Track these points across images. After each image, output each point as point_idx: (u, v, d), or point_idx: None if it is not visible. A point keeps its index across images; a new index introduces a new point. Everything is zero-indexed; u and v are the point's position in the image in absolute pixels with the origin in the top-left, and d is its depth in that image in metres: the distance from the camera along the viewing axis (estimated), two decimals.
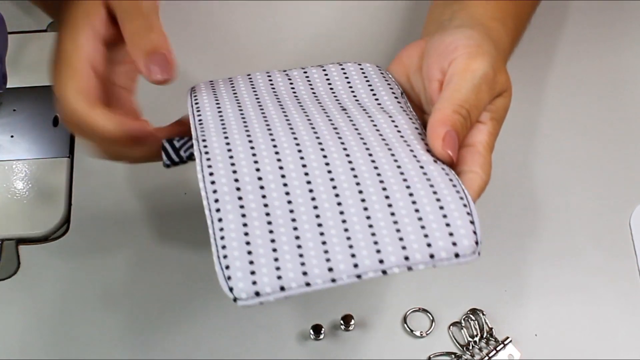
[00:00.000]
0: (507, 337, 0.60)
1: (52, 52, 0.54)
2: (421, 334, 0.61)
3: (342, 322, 0.60)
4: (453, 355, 0.60)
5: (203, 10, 0.77)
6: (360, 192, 0.47)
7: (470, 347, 0.60)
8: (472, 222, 0.46)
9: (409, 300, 0.62)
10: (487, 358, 0.60)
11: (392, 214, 0.46)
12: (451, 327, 0.61)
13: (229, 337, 0.61)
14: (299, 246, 0.45)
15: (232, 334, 0.61)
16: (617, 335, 0.61)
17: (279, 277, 0.43)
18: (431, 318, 0.61)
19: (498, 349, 0.60)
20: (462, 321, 0.61)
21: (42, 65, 0.74)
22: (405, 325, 0.61)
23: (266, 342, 0.60)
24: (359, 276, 0.44)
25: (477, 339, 0.60)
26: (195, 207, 0.66)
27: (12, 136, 0.70)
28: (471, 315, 0.61)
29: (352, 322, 0.60)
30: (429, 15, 0.64)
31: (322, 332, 0.60)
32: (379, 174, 0.48)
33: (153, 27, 0.52)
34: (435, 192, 0.47)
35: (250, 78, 0.57)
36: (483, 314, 0.61)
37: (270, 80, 0.56)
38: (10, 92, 0.71)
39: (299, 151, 0.49)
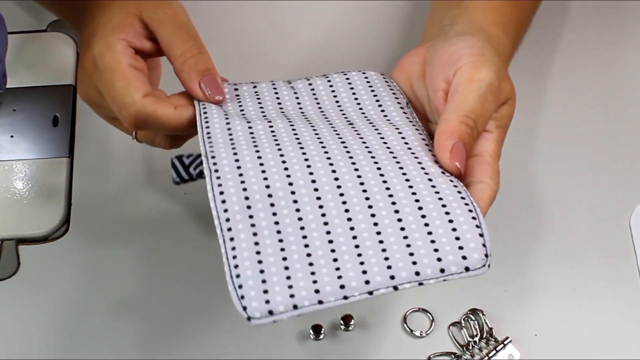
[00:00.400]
0: (507, 337, 0.60)
1: (82, 63, 0.55)
2: (421, 334, 0.61)
3: (342, 322, 0.60)
4: (453, 355, 0.60)
5: (206, 11, 0.77)
6: (370, 207, 0.47)
7: (470, 347, 0.60)
8: (481, 235, 0.46)
9: (409, 300, 0.62)
10: (487, 358, 0.60)
11: (402, 228, 0.46)
12: (451, 327, 0.61)
13: (229, 337, 0.61)
14: (311, 264, 0.45)
15: (232, 334, 0.61)
16: (617, 335, 0.61)
17: (292, 296, 0.43)
18: (431, 318, 0.61)
19: (498, 349, 0.60)
20: (462, 321, 0.61)
21: (42, 65, 0.74)
22: (405, 325, 0.61)
23: (266, 342, 0.60)
24: (370, 293, 0.44)
25: (477, 339, 0.60)
26: (195, 207, 0.66)
27: (12, 136, 0.70)
28: (471, 315, 0.61)
29: (352, 322, 0.60)
30: (429, 19, 0.64)
31: (322, 332, 0.60)
32: (387, 189, 0.48)
33: (203, 49, 0.54)
34: (444, 206, 0.47)
35: (255, 90, 0.56)
36: (483, 314, 0.61)
37: (276, 92, 0.56)
38: (10, 92, 0.71)
39: (308, 167, 0.49)
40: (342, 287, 0.44)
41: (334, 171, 0.49)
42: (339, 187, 0.48)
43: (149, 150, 0.57)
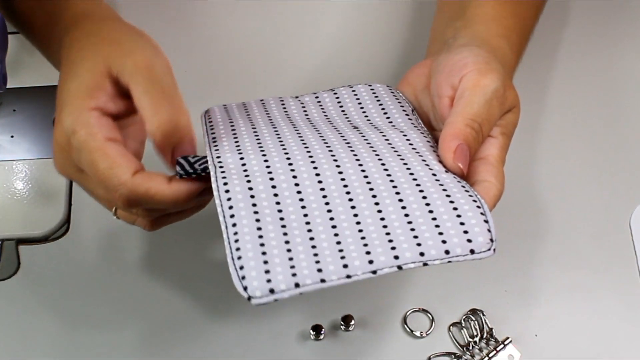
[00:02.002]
0: (507, 337, 0.60)
1: (55, 137, 0.50)
2: (421, 334, 0.61)
3: (342, 322, 0.60)
4: (453, 356, 0.60)
5: (207, 16, 0.77)
6: (374, 196, 0.48)
7: (470, 348, 0.60)
8: (486, 222, 0.46)
9: (409, 300, 0.62)
10: (487, 358, 0.60)
11: (406, 215, 0.47)
12: (451, 327, 0.61)
13: (230, 337, 0.61)
14: (314, 246, 0.45)
15: (232, 334, 0.61)
16: (617, 335, 0.61)
17: (294, 275, 0.44)
18: (431, 318, 0.61)
19: (498, 349, 0.60)
20: (462, 321, 0.61)
21: (42, 65, 0.74)
22: (405, 325, 0.61)
23: (266, 342, 0.60)
24: (374, 272, 0.44)
25: (477, 339, 0.60)
26: None
27: (12, 136, 0.70)
28: (471, 316, 0.61)
29: (352, 322, 0.60)
30: (432, 34, 0.65)
31: (322, 332, 0.60)
32: (392, 181, 0.49)
33: (179, 110, 0.49)
34: (448, 196, 0.48)
35: (263, 102, 0.58)
36: (483, 314, 0.61)
37: (283, 103, 0.58)
38: (10, 92, 0.71)
39: (312, 162, 0.50)
40: (345, 266, 0.44)
41: (338, 166, 0.50)
42: (342, 179, 0.49)
43: (149, 149, 0.57)
